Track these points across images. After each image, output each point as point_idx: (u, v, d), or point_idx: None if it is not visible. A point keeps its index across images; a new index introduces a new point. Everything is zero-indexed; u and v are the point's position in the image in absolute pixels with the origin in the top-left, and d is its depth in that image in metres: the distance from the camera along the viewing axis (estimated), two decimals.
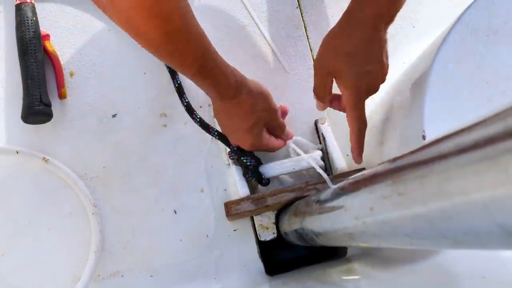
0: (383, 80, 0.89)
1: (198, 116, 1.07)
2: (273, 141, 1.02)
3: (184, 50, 0.81)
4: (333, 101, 0.98)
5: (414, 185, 0.41)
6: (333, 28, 0.90)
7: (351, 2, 0.88)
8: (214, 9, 1.16)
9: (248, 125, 0.96)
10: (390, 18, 0.86)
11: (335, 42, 0.89)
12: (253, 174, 1.04)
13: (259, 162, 1.04)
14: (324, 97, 0.96)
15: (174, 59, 0.84)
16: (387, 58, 0.89)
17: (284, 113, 1.07)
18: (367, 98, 0.91)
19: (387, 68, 0.89)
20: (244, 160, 1.03)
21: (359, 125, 0.92)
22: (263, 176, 1.04)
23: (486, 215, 0.33)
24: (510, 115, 0.31)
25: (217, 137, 1.06)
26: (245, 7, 1.17)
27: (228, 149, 1.06)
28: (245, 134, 0.98)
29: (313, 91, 0.96)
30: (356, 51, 0.86)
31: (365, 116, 0.92)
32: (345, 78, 0.88)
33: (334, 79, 0.92)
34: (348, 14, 0.88)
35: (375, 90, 0.90)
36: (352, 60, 0.86)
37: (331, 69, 0.89)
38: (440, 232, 0.40)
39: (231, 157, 1.05)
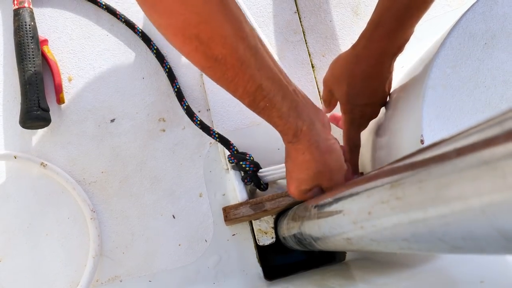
0: (380, 108, 0.95)
1: (199, 119, 1.07)
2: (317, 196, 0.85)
3: (233, 80, 0.73)
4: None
5: (412, 189, 0.41)
6: (341, 54, 0.94)
7: (360, 36, 0.91)
8: None
9: (299, 178, 0.84)
10: (396, 51, 0.90)
11: (340, 70, 0.92)
12: (251, 179, 1.04)
13: (258, 167, 1.04)
14: (329, 106, 1.01)
15: (224, 87, 0.76)
16: (389, 88, 0.94)
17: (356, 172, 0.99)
18: (363, 127, 0.97)
19: (387, 97, 0.94)
20: (243, 165, 1.03)
21: (350, 146, 0.97)
22: (261, 181, 1.04)
23: (484, 220, 0.33)
24: (508, 119, 0.31)
25: (217, 139, 1.06)
26: (243, 11, 1.17)
27: (228, 153, 1.06)
28: (294, 183, 0.86)
29: (321, 99, 1.02)
30: (357, 84, 0.90)
31: (358, 140, 0.96)
32: (343, 104, 0.94)
33: None
34: (355, 48, 0.91)
35: (371, 118, 0.96)
36: (352, 92, 0.91)
37: (333, 91, 0.95)
38: (438, 237, 0.40)
39: (231, 161, 1.05)
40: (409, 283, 0.80)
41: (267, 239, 1.05)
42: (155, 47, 1.11)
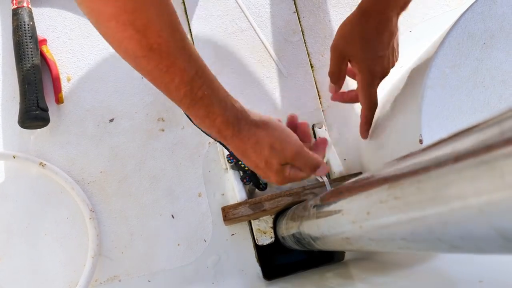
0: (393, 65, 0.97)
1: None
2: (299, 175, 0.85)
3: (168, 69, 0.71)
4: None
5: (411, 189, 0.41)
6: (348, 17, 0.95)
7: None
8: (212, 13, 1.16)
9: (262, 163, 0.83)
10: (402, 6, 0.94)
11: (351, 28, 0.93)
12: (250, 178, 1.04)
13: None
14: (338, 80, 0.99)
15: (158, 79, 0.74)
16: (397, 45, 0.97)
17: (323, 144, 0.94)
18: (379, 81, 0.97)
19: (398, 54, 0.98)
20: (242, 165, 1.03)
21: (370, 104, 0.98)
22: (260, 181, 1.04)
23: (483, 219, 0.33)
24: (506, 119, 0.31)
25: (217, 139, 1.06)
26: (242, 12, 1.17)
27: (227, 153, 1.06)
28: (266, 171, 0.84)
29: (329, 74, 0.99)
30: (370, 37, 0.92)
31: (376, 97, 0.98)
32: (360, 62, 0.93)
33: (349, 63, 0.97)
34: (361, 7, 0.93)
35: (386, 73, 0.97)
36: (366, 46, 0.92)
37: (347, 53, 0.94)
38: (437, 237, 0.40)
39: (230, 161, 1.05)
40: (407, 282, 0.80)
41: (266, 239, 1.05)
42: None
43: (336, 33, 0.97)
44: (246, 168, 1.03)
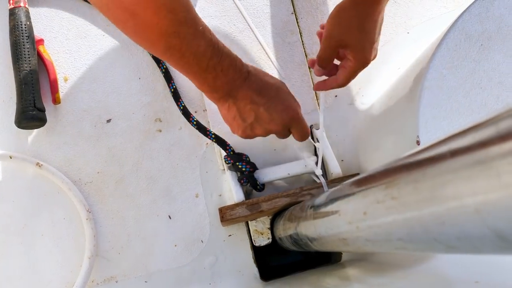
0: (375, 56, 0.98)
1: (195, 119, 1.07)
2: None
3: (195, 34, 0.79)
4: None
5: (408, 189, 0.41)
6: (340, 4, 0.94)
7: None
8: (210, 14, 1.16)
9: (265, 116, 0.89)
10: None
11: (347, 17, 0.92)
12: (248, 179, 1.03)
13: (254, 168, 1.04)
14: (328, 65, 0.99)
15: (187, 49, 0.80)
16: (379, 34, 0.97)
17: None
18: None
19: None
20: (240, 166, 1.03)
21: (346, 84, 0.97)
22: (258, 182, 1.04)
23: (479, 219, 0.33)
24: (502, 119, 0.31)
25: (214, 140, 1.06)
26: (240, 12, 1.17)
27: (224, 154, 1.06)
28: (269, 124, 0.91)
29: (318, 59, 0.98)
30: (367, 27, 0.91)
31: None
32: (356, 51, 0.93)
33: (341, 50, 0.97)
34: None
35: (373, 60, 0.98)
36: (364, 36, 0.92)
37: (343, 41, 0.93)
38: (433, 237, 0.40)
39: (227, 162, 1.05)
40: (404, 283, 0.80)
41: (263, 240, 1.04)
42: None
43: (329, 21, 0.95)
44: (244, 169, 1.03)
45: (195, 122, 1.07)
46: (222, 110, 0.90)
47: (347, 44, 0.93)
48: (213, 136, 1.06)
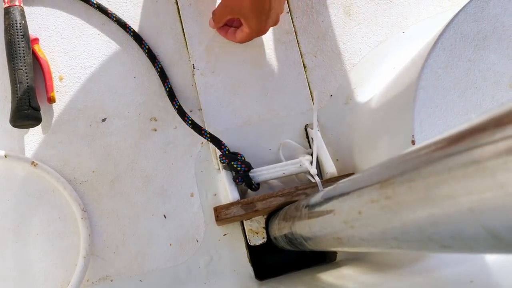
0: (276, 23, 1.07)
1: (190, 118, 1.07)
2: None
3: None
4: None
5: (402, 188, 0.41)
6: None
7: None
8: (206, 14, 1.16)
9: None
10: None
11: None
12: (243, 179, 1.03)
13: (249, 167, 1.04)
14: (219, 24, 1.10)
15: None
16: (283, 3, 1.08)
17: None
18: None
19: (281, 12, 1.07)
20: (235, 165, 1.03)
21: (241, 42, 1.11)
22: (253, 181, 1.04)
23: (473, 219, 0.33)
24: (497, 119, 0.31)
25: (209, 139, 1.06)
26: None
27: (219, 153, 1.06)
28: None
29: (213, 16, 1.08)
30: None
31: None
32: (249, 21, 1.02)
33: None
34: None
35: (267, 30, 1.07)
36: (256, 7, 0.99)
37: (238, 11, 1.01)
38: (428, 236, 0.40)
39: (222, 161, 1.05)
40: (399, 283, 0.80)
41: (258, 239, 1.05)
42: (147, 46, 1.11)
43: None
44: (239, 169, 1.03)
45: (190, 121, 1.07)
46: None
47: (242, 13, 1.01)
48: (208, 135, 1.06)
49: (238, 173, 1.04)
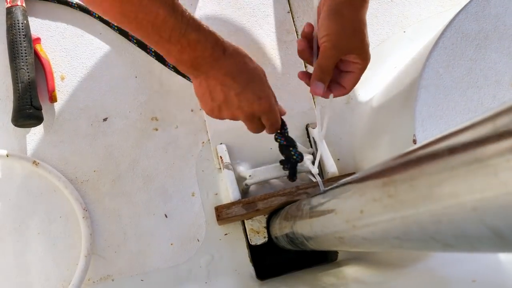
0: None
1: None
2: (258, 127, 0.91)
3: (149, 8, 0.75)
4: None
5: (404, 187, 0.41)
6: (334, 6, 0.86)
7: None
8: (206, 13, 1.16)
9: (240, 93, 0.85)
10: None
11: (349, 20, 0.86)
12: (291, 167, 1.01)
13: (302, 159, 1.02)
14: (329, 77, 0.90)
15: (145, 15, 0.76)
16: None
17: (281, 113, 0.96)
18: None
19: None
20: (292, 152, 1.00)
21: (352, 88, 0.91)
22: (297, 172, 1.01)
23: (476, 217, 0.33)
24: (499, 117, 0.31)
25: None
26: (237, 11, 1.17)
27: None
28: (236, 110, 0.88)
29: (320, 72, 0.89)
30: (364, 25, 0.86)
31: None
32: (363, 51, 0.87)
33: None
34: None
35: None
36: (365, 36, 0.86)
37: (351, 47, 0.87)
38: (430, 235, 0.40)
39: (278, 140, 1.00)
40: (401, 282, 0.80)
41: (259, 239, 1.04)
42: (153, 50, 1.11)
43: (329, 27, 0.86)
44: (295, 157, 0.99)
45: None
46: (194, 83, 0.86)
47: (352, 49, 0.87)
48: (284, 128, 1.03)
49: (289, 160, 1.00)
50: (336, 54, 0.87)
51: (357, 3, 0.85)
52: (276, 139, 0.99)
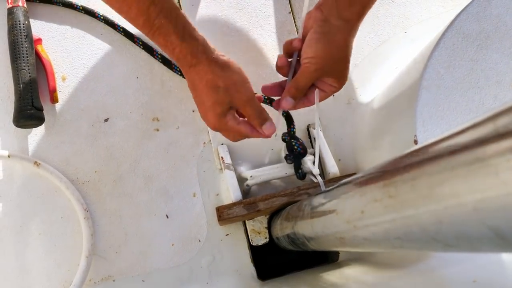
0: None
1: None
2: (242, 129, 0.88)
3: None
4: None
5: (405, 187, 0.41)
6: (323, 34, 0.86)
7: (327, 9, 0.85)
8: (207, 14, 1.16)
9: (210, 102, 0.85)
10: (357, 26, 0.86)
11: (336, 47, 0.86)
12: (294, 159, 1.02)
13: (305, 152, 1.03)
14: (301, 96, 0.91)
15: (119, 8, 0.81)
16: None
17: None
18: None
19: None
20: (294, 144, 1.02)
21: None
22: (301, 167, 1.02)
23: (477, 217, 0.33)
24: (500, 117, 0.31)
25: (284, 115, 1.07)
26: (238, 12, 1.17)
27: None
28: (208, 111, 0.87)
29: (295, 89, 0.90)
30: (349, 53, 0.86)
31: None
32: (342, 77, 0.88)
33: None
34: (327, 21, 0.85)
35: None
36: (348, 62, 0.87)
37: (333, 71, 0.87)
38: (431, 235, 0.40)
39: (284, 138, 1.05)
40: (402, 282, 0.80)
41: (260, 239, 1.05)
42: (159, 54, 1.11)
43: (317, 49, 0.85)
44: (296, 147, 1.02)
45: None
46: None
47: (333, 74, 0.88)
48: (285, 111, 1.06)
49: (292, 153, 1.03)
50: (316, 76, 0.88)
51: (349, 28, 0.85)
52: (283, 138, 1.02)
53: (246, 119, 0.88)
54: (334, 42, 0.84)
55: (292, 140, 1.03)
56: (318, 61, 0.86)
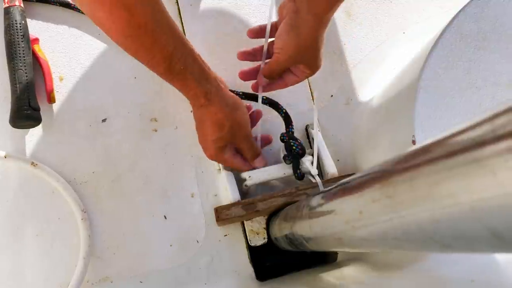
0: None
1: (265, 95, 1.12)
2: (237, 162, 1.02)
3: (151, 47, 0.81)
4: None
5: (403, 187, 0.41)
6: (291, 27, 0.93)
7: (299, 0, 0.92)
8: (206, 15, 1.16)
9: (213, 137, 0.96)
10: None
11: (303, 39, 0.93)
12: (293, 159, 1.03)
13: (303, 152, 1.03)
14: (275, 78, 1.03)
15: (142, 56, 0.85)
16: None
17: (266, 140, 1.09)
18: None
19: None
20: (292, 143, 1.03)
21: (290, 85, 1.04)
22: (300, 167, 1.03)
23: (474, 218, 0.33)
24: (497, 118, 0.31)
25: (283, 115, 1.12)
26: (237, 13, 1.17)
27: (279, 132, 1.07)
28: (209, 144, 0.98)
29: (268, 73, 1.01)
30: (318, 44, 0.95)
31: None
32: (314, 65, 0.98)
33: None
34: (298, 13, 0.92)
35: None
36: (318, 51, 0.96)
37: (303, 59, 0.96)
38: (429, 236, 0.40)
39: (282, 138, 1.06)
40: (400, 283, 0.80)
41: (259, 240, 1.04)
42: None
43: (286, 39, 0.94)
44: (294, 147, 1.03)
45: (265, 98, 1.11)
46: None
47: (303, 61, 0.97)
48: (283, 111, 1.10)
49: (291, 153, 1.03)
50: (286, 66, 0.99)
51: (318, 21, 0.91)
52: (281, 138, 1.02)
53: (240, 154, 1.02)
54: (303, 34, 0.92)
55: (291, 140, 1.03)
56: (287, 52, 0.95)
